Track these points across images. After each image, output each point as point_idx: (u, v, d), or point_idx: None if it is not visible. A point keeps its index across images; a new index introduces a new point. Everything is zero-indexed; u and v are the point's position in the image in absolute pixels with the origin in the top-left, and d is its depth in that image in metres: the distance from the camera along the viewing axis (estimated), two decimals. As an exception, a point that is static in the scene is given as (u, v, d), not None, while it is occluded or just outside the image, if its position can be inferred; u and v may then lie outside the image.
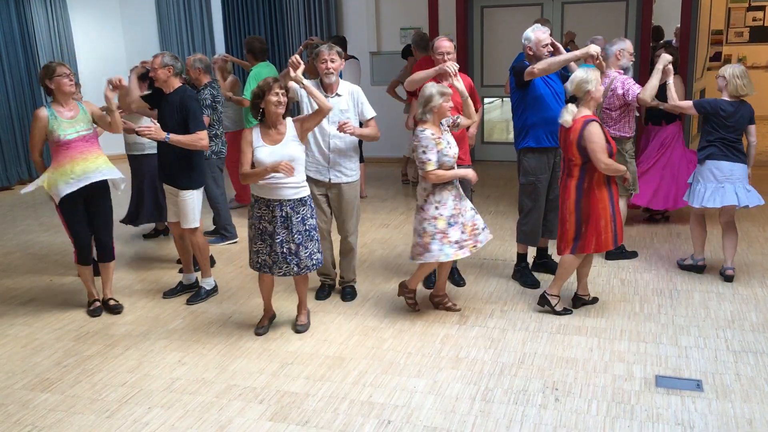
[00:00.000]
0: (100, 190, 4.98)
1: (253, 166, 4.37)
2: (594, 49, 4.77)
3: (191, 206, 5.19)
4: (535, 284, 5.38)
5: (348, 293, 5.30)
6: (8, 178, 9.40)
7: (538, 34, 5.02)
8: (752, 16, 12.37)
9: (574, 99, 4.63)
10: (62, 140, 4.79)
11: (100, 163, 4.93)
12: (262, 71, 7.08)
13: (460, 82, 4.69)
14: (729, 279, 5.31)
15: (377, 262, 6.06)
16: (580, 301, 4.94)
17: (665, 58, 5.30)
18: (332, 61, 4.80)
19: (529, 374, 4.08)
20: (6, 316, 5.25)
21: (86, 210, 5.00)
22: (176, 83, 5.07)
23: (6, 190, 9.32)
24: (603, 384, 3.93)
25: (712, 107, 5.11)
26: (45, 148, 4.92)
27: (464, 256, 4.67)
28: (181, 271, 5.75)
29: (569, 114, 4.52)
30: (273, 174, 4.28)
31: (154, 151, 5.98)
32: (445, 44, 5.01)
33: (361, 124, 5.05)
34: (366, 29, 9.73)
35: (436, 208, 4.58)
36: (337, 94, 4.89)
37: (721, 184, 5.12)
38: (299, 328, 4.75)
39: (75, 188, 4.82)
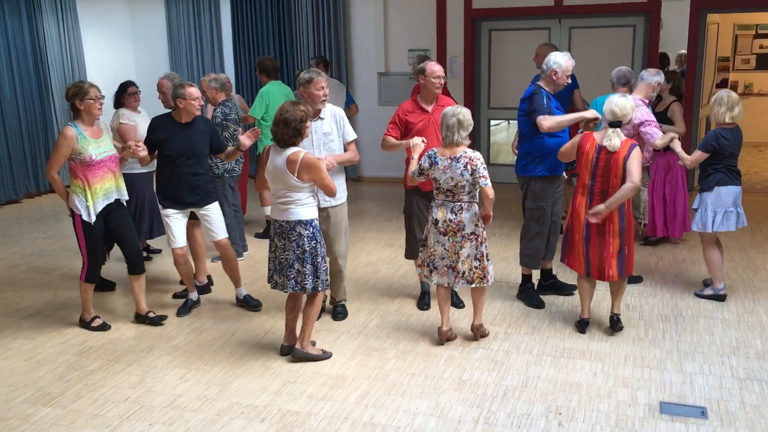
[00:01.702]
0: (117, 204, 5.04)
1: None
2: (592, 113, 5.05)
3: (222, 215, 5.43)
4: (540, 305, 5.37)
5: (339, 312, 5.30)
6: (16, 192, 9.44)
7: (567, 62, 5.13)
8: (759, 44, 12.42)
9: (617, 124, 4.60)
10: (94, 160, 4.80)
11: (120, 183, 5.05)
12: (272, 89, 7.14)
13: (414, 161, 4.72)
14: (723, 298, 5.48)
15: (381, 282, 6.06)
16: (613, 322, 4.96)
17: (670, 137, 5.42)
18: (326, 89, 4.88)
19: (532, 398, 4.06)
20: (10, 329, 5.25)
21: (107, 226, 5.01)
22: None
23: (14, 203, 9.36)
24: (607, 409, 3.91)
25: (719, 143, 5.22)
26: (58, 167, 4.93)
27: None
28: (176, 295, 5.78)
29: (618, 138, 4.56)
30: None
31: (145, 170, 6.14)
32: (437, 68, 5.10)
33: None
34: (374, 50, 9.81)
35: (483, 229, 4.61)
36: (320, 117, 4.92)
37: (731, 208, 5.27)
38: (293, 352, 4.60)
39: (102, 207, 4.89)
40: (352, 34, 10.05)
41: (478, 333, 4.84)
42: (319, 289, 4.45)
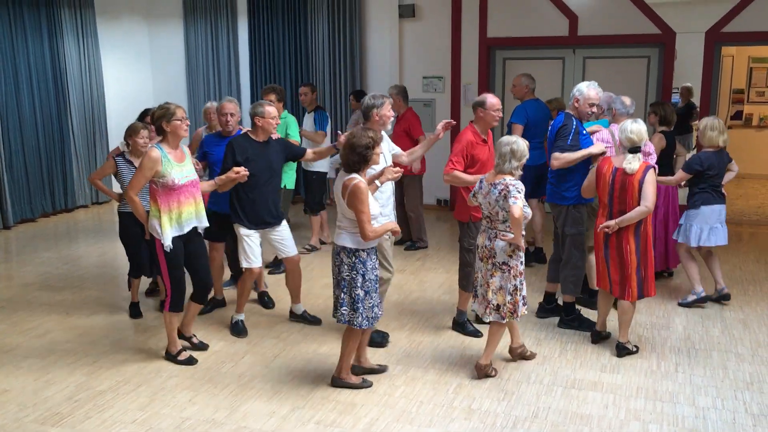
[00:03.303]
0: (195, 231, 4.87)
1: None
2: (598, 148, 5.21)
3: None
4: (592, 325, 5.34)
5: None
6: (32, 210, 9.52)
7: (591, 91, 5.29)
8: (774, 76, 12.43)
9: (637, 150, 4.78)
10: (176, 185, 4.61)
11: (201, 208, 4.85)
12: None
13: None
14: (728, 297, 5.92)
15: (392, 308, 6.03)
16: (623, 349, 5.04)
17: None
18: (392, 111, 4.99)
19: (542, 429, 4.02)
20: (20, 348, 5.27)
21: (185, 252, 4.84)
22: None
23: (29, 222, 9.44)
24: (618, 442, 3.86)
25: (703, 165, 5.69)
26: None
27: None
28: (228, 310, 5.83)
29: (638, 162, 4.74)
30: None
31: None
32: (496, 101, 5.23)
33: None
34: (389, 77, 9.88)
35: (522, 263, 4.57)
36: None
37: (716, 224, 5.77)
38: (332, 381, 4.61)
39: (182, 233, 4.73)
40: (368, 62, 10.14)
41: (480, 372, 4.67)
42: (354, 324, 4.32)
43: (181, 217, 4.68)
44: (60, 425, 4.12)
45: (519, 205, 4.33)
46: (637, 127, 4.77)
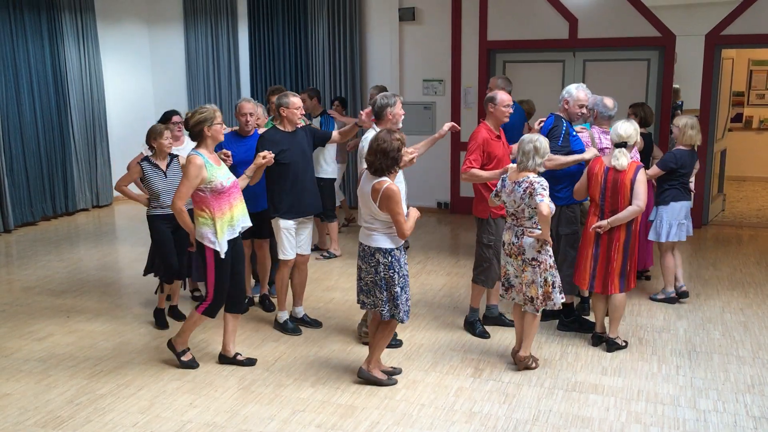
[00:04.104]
0: (239, 235, 4.78)
1: None
2: (591, 153, 5.23)
3: None
4: (592, 326, 5.37)
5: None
6: (33, 214, 9.53)
7: (579, 93, 5.35)
8: (774, 79, 12.45)
9: (623, 145, 4.85)
10: (225, 187, 4.55)
11: (244, 208, 4.78)
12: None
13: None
14: (686, 295, 6.10)
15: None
16: (600, 340, 5.16)
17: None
18: None
19: (543, 432, 4.01)
20: (21, 351, 5.27)
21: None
22: None
23: (30, 225, 9.45)
24: (619, 445, 3.86)
25: (678, 162, 5.89)
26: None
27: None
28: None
29: (625, 158, 4.82)
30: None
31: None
32: (507, 97, 5.28)
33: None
34: (389, 80, 9.89)
35: (551, 256, 4.66)
36: None
37: (683, 220, 5.98)
38: (359, 372, 4.68)
39: (235, 235, 4.67)
40: (368, 65, 10.16)
41: (521, 364, 4.81)
42: (397, 318, 4.42)
43: (233, 220, 4.65)
44: (60, 429, 4.12)
45: (546, 203, 4.42)
46: (627, 126, 4.87)
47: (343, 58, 10.05)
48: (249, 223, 4.81)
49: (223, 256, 4.58)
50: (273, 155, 4.99)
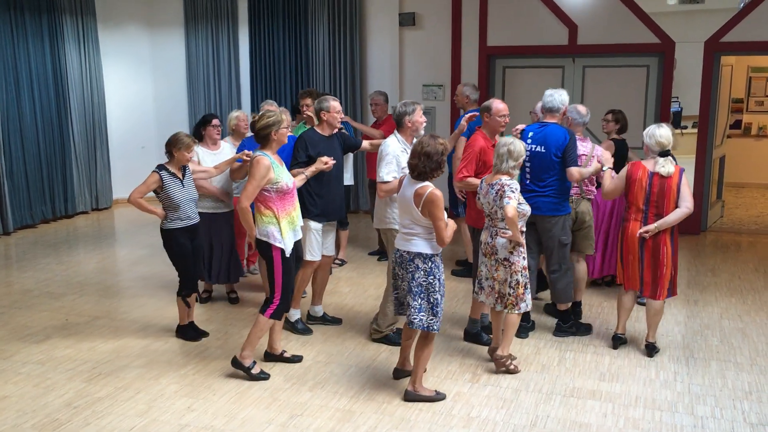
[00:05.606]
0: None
1: None
2: (596, 167, 5.37)
3: None
4: (590, 329, 5.53)
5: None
6: (32, 217, 9.53)
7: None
8: (773, 86, 12.48)
9: (667, 153, 4.92)
10: (290, 187, 4.66)
11: (299, 209, 4.87)
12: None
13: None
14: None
15: (391, 316, 6.04)
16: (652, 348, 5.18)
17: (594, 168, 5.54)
18: None
19: (541, 437, 4.02)
20: (20, 354, 5.28)
21: None
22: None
23: (29, 228, 9.45)
24: (616, 451, 3.86)
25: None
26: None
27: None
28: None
29: (671, 165, 4.89)
30: None
31: (224, 209, 6.07)
32: (503, 107, 5.29)
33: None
34: (389, 85, 9.92)
35: (524, 258, 4.72)
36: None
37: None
38: (405, 395, 4.52)
39: (297, 237, 4.77)
40: (368, 70, 10.18)
41: (498, 364, 4.83)
42: (434, 328, 4.31)
43: (294, 220, 4.73)
44: (58, 432, 4.12)
45: (512, 205, 4.50)
46: (665, 132, 4.91)
47: (344, 63, 10.07)
48: (301, 223, 4.86)
49: (288, 254, 4.64)
50: (333, 162, 5.10)
